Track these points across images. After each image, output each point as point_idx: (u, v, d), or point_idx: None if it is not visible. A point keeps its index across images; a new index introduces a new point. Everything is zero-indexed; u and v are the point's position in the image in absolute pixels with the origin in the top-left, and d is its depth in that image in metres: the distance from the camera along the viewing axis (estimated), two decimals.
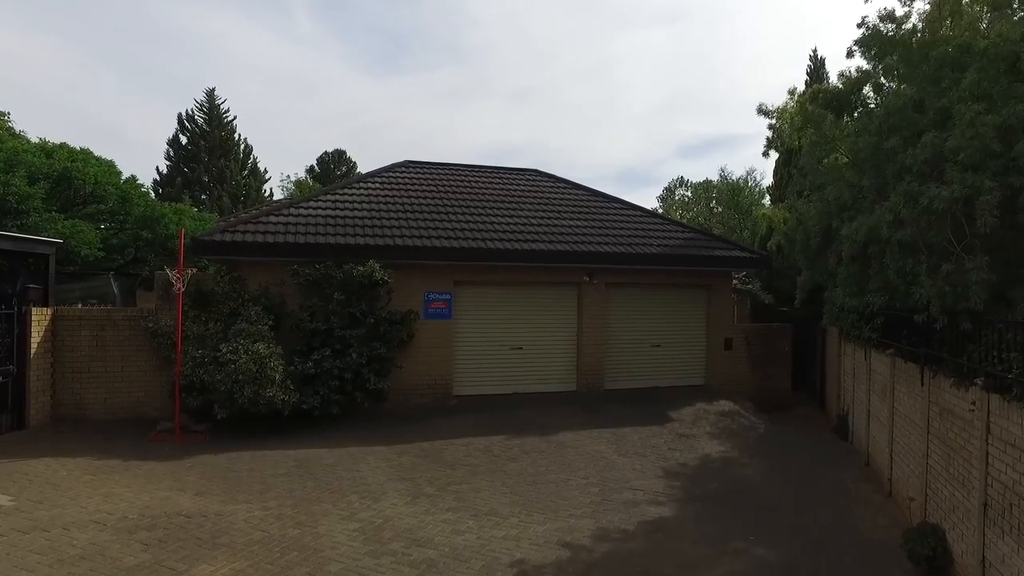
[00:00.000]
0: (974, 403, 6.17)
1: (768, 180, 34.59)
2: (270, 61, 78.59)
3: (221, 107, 39.76)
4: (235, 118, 40.78)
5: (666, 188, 55.19)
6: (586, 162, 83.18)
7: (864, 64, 10.17)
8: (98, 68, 70.37)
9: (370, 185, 16.47)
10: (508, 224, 15.42)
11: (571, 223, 16.14)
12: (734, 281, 20.22)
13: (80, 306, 12.85)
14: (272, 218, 13.91)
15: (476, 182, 18.01)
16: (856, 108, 10.61)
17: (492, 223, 15.35)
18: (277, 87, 79.54)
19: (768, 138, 12.33)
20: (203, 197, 37.13)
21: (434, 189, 16.93)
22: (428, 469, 10.26)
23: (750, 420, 14.23)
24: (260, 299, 12.50)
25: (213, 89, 39.16)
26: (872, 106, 10.49)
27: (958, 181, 6.77)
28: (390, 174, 17.43)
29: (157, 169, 38.32)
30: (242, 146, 41.08)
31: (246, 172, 40.77)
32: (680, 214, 48.24)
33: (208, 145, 38.52)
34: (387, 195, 15.99)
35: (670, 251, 15.51)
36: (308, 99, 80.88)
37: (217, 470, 9.76)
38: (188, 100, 66.65)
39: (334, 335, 12.51)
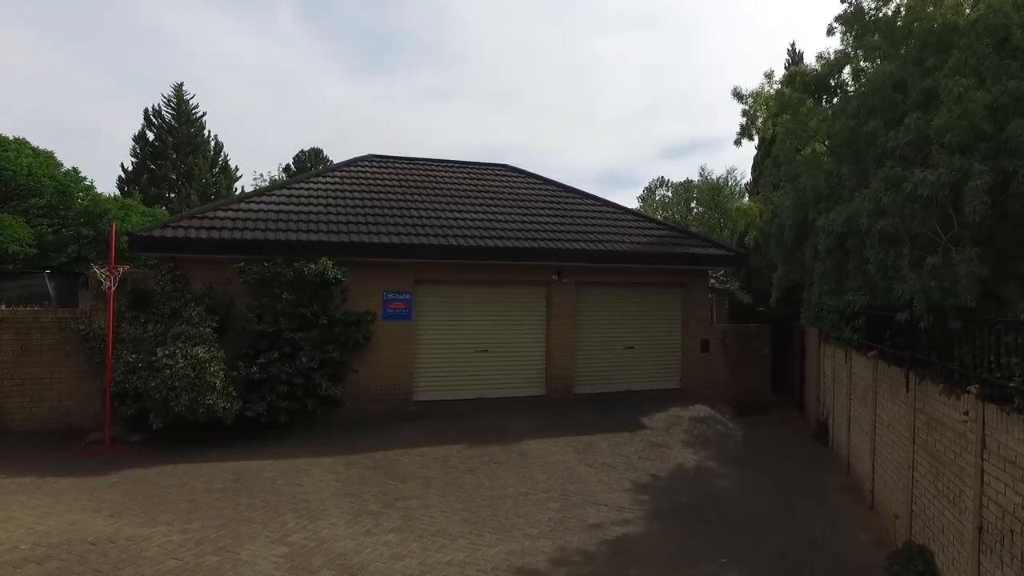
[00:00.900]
0: (967, 413, 5.49)
1: (748, 178, 34.12)
2: (251, 59, 77.25)
3: (190, 102, 38.60)
4: (204, 114, 39.62)
5: (646, 188, 54.65)
6: (567, 164, 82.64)
7: (843, 47, 9.50)
8: (72, 65, 68.71)
9: (330, 179, 15.63)
10: (474, 220, 14.66)
11: (541, 219, 15.41)
12: (711, 280, 19.64)
13: (5, 307, 11.90)
14: (220, 213, 13.04)
15: (443, 177, 17.23)
16: (835, 93, 9.93)
17: (457, 219, 14.58)
18: (258, 86, 78.23)
19: (742, 124, 11.62)
20: (171, 195, 35.97)
21: (398, 184, 16.12)
22: (377, 483, 9.47)
23: (727, 426, 13.58)
24: (203, 299, 11.63)
25: (181, 84, 38.02)
26: (851, 91, 9.87)
27: (945, 165, 6.12)
28: (352, 168, 16.60)
29: (122, 166, 37.12)
30: (212, 143, 39.89)
31: (216, 170, 39.60)
32: (660, 214, 47.70)
33: (176, 141, 37.34)
34: (347, 190, 15.17)
35: (643, 248, 14.82)
36: (289, 98, 79.65)
37: (143, 486, 8.89)
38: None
39: (283, 338, 11.67)
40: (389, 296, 13.43)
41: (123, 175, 36.56)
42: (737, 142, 11.37)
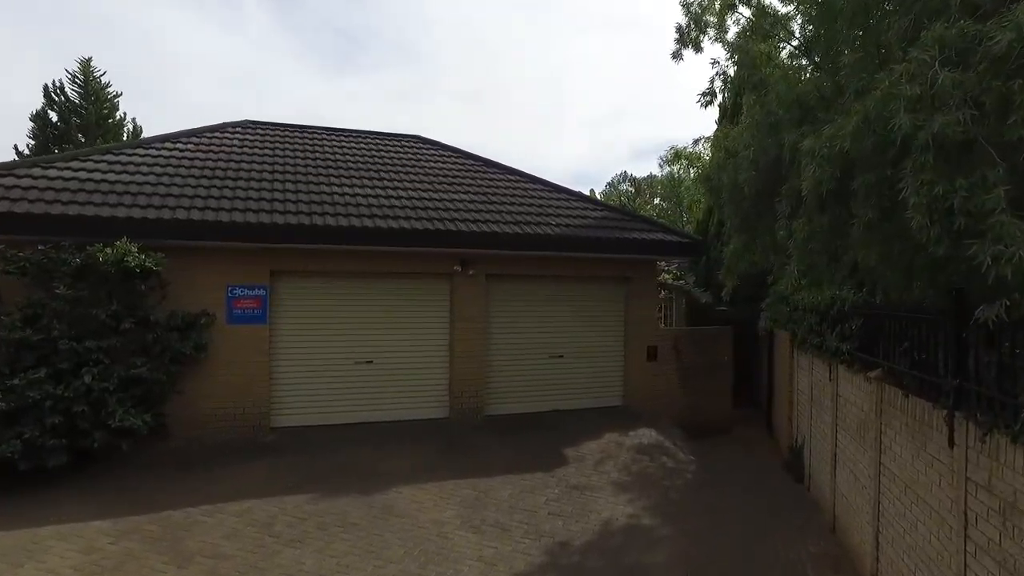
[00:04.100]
0: None
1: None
2: (217, 56, 72.74)
3: (101, 79, 34.67)
4: (120, 94, 35.74)
5: (608, 184, 51.97)
6: (538, 165, 79.79)
7: None
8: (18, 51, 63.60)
9: (178, 146, 12.27)
10: (358, 197, 11.47)
11: (448, 197, 12.28)
12: (664, 275, 16.74)
13: None
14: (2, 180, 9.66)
15: (334, 147, 13.99)
16: None
17: (335, 194, 11.39)
18: (224, 83, 73.72)
19: (680, 30, 8.22)
20: None
21: (270, 154, 12.84)
22: (142, 568, 6.27)
23: (676, 458, 10.59)
24: None
25: (89, 59, 33.98)
26: None
27: None
28: (216, 134, 13.25)
29: (16, 148, 33.05)
30: (129, 126, 35.98)
31: None
32: None
33: (82, 123, 33.43)
34: (198, 158, 11.82)
35: (574, 232, 11.75)
36: (256, 96, 75.37)
37: None
38: (136, 93, 60.01)
39: (59, 349, 8.35)
40: (236, 292, 10.20)
41: (16, 157, 32.52)
42: (675, 54, 7.98)
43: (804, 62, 5.83)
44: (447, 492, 8.47)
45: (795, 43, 6.20)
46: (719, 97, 6.87)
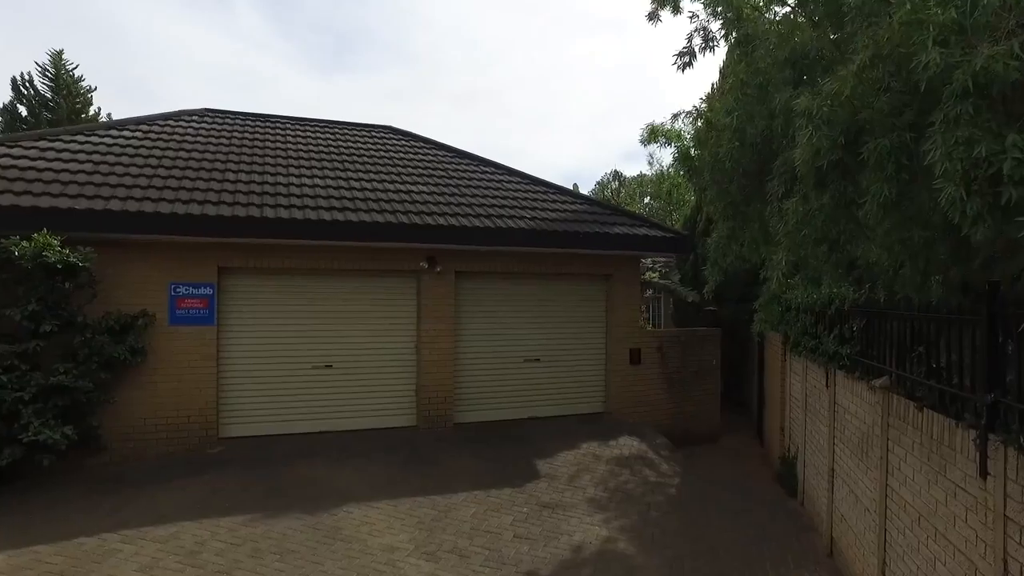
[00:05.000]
0: None
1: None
2: (208, 55, 71.38)
3: (73, 73, 33.63)
4: (94, 89, 34.72)
5: (598, 183, 51.15)
6: (531, 165, 78.86)
7: None
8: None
9: (124, 133, 11.34)
10: (318, 189, 10.61)
11: (417, 188, 11.43)
12: (650, 274, 15.94)
13: None
14: None
15: (297, 137, 13.10)
16: None
17: (290, 185, 10.52)
18: (216, 82, 72.38)
19: None
20: None
21: (227, 143, 11.94)
22: None
23: (659, 469, 9.78)
24: None
25: (61, 52, 32.96)
26: None
27: None
28: (169, 122, 12.33)
29: None
30: (103, 120, 34.97)
31: None
32: None
33: (54, 117, 32.37)
34: (146, 147, 10.90)
35: (550, 227, 10.91)
36: (251, 97, 74.07)
37: None
38: (123, 95, 58.61)
39: None
40: (180, 290, 9.32)
41: None
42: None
43: (801, 20, 4.97)
44: (403, 511, 7.61)
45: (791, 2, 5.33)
46: (699, 57, 6.02)
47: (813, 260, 4.70)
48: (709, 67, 41.97)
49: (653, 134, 12.57)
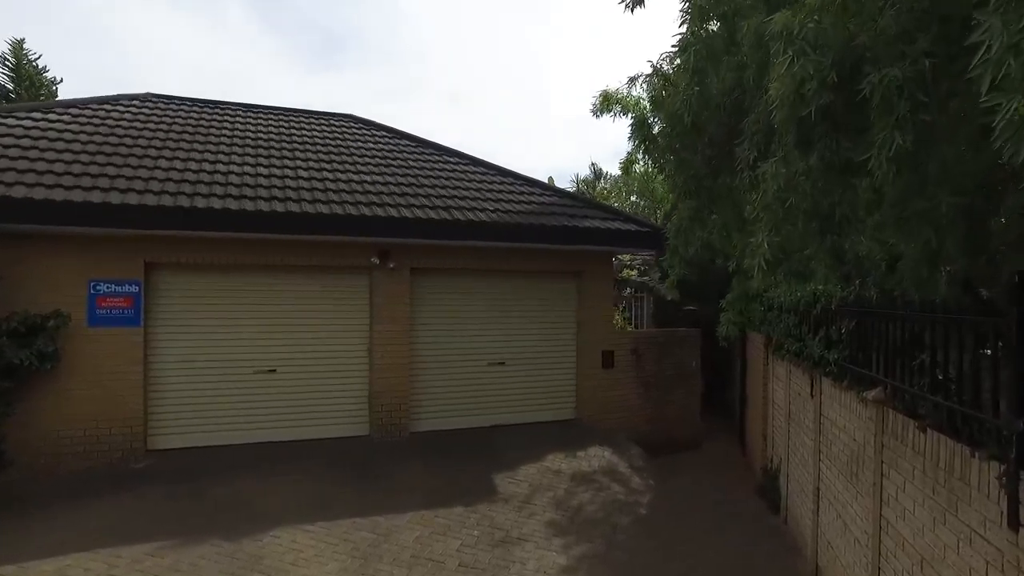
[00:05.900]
0: None
1: None
2: (197, 53, 69.91)
3: (36, 63, 32.36)
4: (61, 81, 33.44)
5: (571, 179, 50.35)
6: (519, 164, 77.84)
7: None
8: None
9: (48, 117, 10.34)
10: (257, 177, 9.70)
11: (371, 179, 10.54)
12: (630, 272, 15.15)
13: None
14: None
15: (246, 125, 12.15)
16: None
17: (229, 173, 9.60)
18: (207, 82, 70.93)
19: None
20: None
21: (166, 129, 10.95)
22: None
23: (630, 484, 8.97)
24: None
25: (22, 41, 31.57)
26: None
27: None
28: (105, 106, 11.35)
29: None
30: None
31: None
32: None
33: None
34: (70, 132, 9.88)
35: (514, 219, 10.07)
36: (239, 95, 72.63)
37: None
38: (102, 92, 57.02)
39: None
40: (101, 288, 8.40)
41: None
42: (631, 4, 5.44)
43: None
44: (338, 536, 6.75)
45: None
46: None
47: (801, 242, 3.73)
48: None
49: (606, 101, 11.50)
